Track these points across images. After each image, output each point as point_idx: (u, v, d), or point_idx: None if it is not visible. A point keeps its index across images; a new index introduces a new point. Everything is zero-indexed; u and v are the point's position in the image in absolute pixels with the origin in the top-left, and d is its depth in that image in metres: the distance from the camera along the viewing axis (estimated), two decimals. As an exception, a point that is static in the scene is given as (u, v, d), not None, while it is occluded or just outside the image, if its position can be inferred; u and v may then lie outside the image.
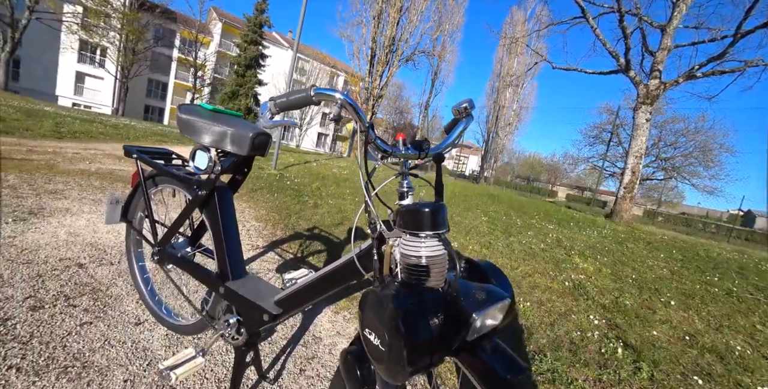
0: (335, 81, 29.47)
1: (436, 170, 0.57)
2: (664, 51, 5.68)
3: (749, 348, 1.89)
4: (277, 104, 0.64)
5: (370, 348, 0.51)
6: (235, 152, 0.81)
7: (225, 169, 0.85)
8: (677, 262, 3.69)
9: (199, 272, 0.93)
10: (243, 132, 0.80)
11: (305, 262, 2.06)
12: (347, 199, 4.08)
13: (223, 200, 0.89)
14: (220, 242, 0.88)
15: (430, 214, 0.53)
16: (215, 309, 0.92)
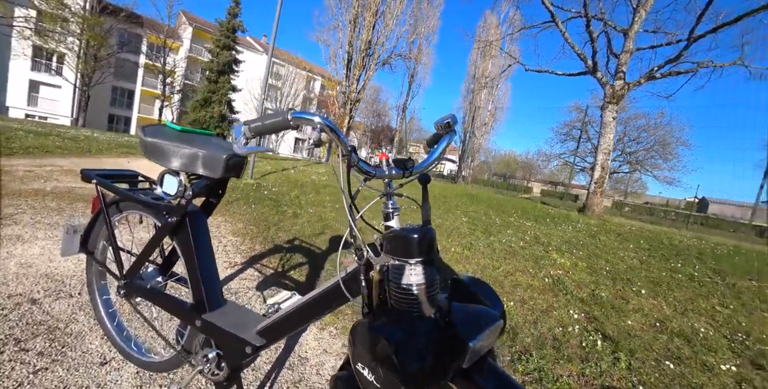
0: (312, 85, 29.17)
1: (423, 192, 0.56)
2: (627, 53, 6.04)
3: (711, 329, 2.02)
4: (252, 129, 0.61)
5: (364, 382, 0.50)
6: (207, 175, 0.78)
7: (197, 193, 0.82)
8: (645, 251, 3.90)
9: (173, 305, 0.88)
10: (215, 154, 0.77)
11: (287, 278, 2.01)
12: (327, 206, 4.04)
13: (196, 225, 0.85)
14: (194, 271, 0.83)
15: (418, 241, 0.52)
16: (192, 342, 0.86)
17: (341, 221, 3.40)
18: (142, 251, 0.91)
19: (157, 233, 0.87)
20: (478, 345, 0.47)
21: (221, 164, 0.76)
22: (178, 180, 0.80)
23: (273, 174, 6.09)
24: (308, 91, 28.48)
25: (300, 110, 0.58)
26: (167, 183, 0.82)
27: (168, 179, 0.82)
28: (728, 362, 1.66)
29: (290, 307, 0.74)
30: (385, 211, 0.62)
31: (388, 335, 0.47)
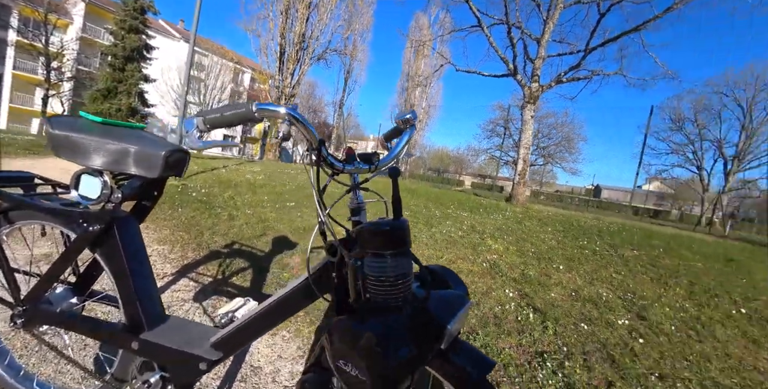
0: (240, 78, 27.04)
1: (393, 185, 0.56)
2: (540, 59, 6.85)
3: (611, 293, 2.43)
4: (208, 121, 0.55)
5: (347, 378, 0.49)
6: (142, 175, 0.68)
7: (127, 195, 0.70)
8: (560, 233, 4.51)
9: (96, 329, 0.75)
10: (152, 150, 0.67)
11: (229, 285, 1.87)
12: (267, 206, 3.83)
13: (127, 233, 0.73)
14: (127, 286, 0.72)
15: (395, 233, 0.53)
16: (125, 369, 0.75)
17: (283, 221, 3.25)
18: (50, 269, 0.76)
19: (71, 246, 0.73)
20: (453, 327, 0.50)
21: (160, 162, 0.66)
22: (100, 181, 0.68)
23: (201, 174, 5.53)
24: (237, 85, 26.35)
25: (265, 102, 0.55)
26: (85, 185, 0.69)
27: (86, 180, 0.69)
28: (623, 317, 2.03)
29: (251, 313, 0.69)
30: (353, 206, 0.62)
31: (373, 327, 0.47)
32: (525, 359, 1.49)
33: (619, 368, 1.51)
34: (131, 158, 0.66)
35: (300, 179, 6.93)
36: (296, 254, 2.44)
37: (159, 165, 0.66)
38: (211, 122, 0.55)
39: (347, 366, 0.49)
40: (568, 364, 1.48)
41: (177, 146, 0.71)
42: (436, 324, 0.50)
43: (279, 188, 5.08)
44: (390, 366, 0.45)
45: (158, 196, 0.79)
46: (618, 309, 2.16)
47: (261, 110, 0.54)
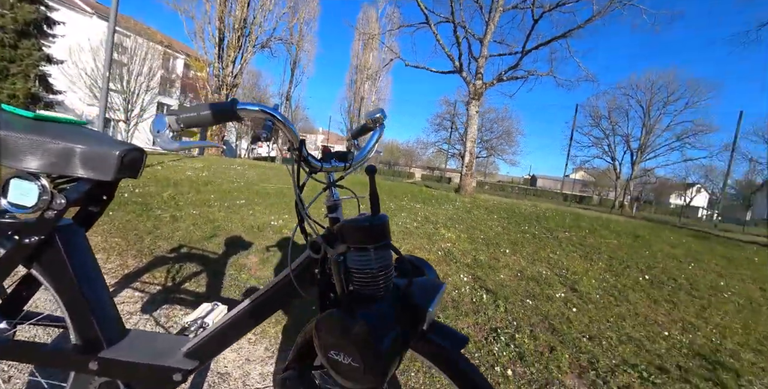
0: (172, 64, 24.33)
1: (370, 182, 0.58)
2: (483, 58, 7.26)
3: (549, 271, 2.75)
4: (182, 120, 0.51)
5: (339, 368, 0.51)
6: (91, 177, 0.60)
7: (72, 201, 0.62)
8: (504, 220, 4.92)
9: (40, 354, 0.66)
10: (105, 149, 0.60)
11: (182, 291, 1.74)
12: (214, 205, 3.58)
13: (73, 243, 0.65)
14: (77, 302, 0.64)
15: (376, 227, 0.55)
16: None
17: (234, 221, 3.08)
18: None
19: (3, 261, 0.63)
20: (434, 310, 0.55)
21: (114, 162, 0.60)
22: (37, 186, 0.60)
23: (132, 172, 4.95)
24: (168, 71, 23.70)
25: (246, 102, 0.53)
26: (17, 191, 0.59)
27: (18, 185, 0.59)
28: (560, 291, 2.31)
29: (227, 316, 0.67)
30: (329, 203, 0.63)
31: (362, 316, 0.50)
32: (482, 335, 1.64)
33: (558, 334, 1.73)
34: (78, 159, 0.59)
35: (248, 175, 6.56)
36: (252, 254, 2.35)
37: (113, 166, 0.60)
38: (185, 121, 0.52)
39: (339, 356, 0.51)
40: (518, 336, 1.66)
41: (131, 144, 0.65)
42: (419, 308, 0.55)
43: (226, 185, 4.77)
44: (382, 351, 0.49)
45: (108, 200, 0.71)
46: (555, 284, 2.45)
47: (243, 110, 0.52)
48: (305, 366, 0.77)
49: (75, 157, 0.59)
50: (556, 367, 1.43)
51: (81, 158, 0.59)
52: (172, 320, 1.47)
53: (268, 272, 2.08)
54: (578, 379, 1.40)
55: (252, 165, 9.10)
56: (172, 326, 1.43)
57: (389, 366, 0.50)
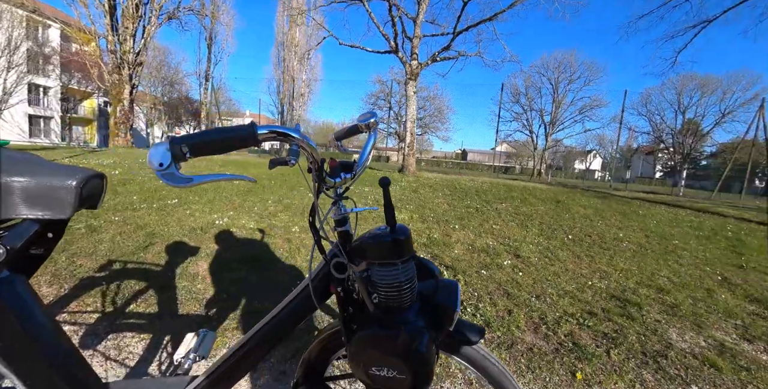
0: (44, 35, 19.50)
1: (384, 193, 0.57)
2: (417, 38, 7.26)
3: (495, 242, 3.05)
4: (193, 147, 0.43)
5: (384, 382, 0.52)
6: (39, 218, 0.48)
7: (14, 249, 0.49)
8: (448, 197, 5.24)
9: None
10: (56, 181, 0.47)
11: (129, 316, 1.53)
12: (140, 208, 3.15)
13: (16, 299, 0.52)
14: (38, 369, 0.53)
15: (401, 242, 0.55)
16: None
17: (170, 224, 2.76)
18: None
19: None
20: (459, 309, 0.59)
21: (71, 197, 0.48)
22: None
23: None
24: (37, 44, 18.99)
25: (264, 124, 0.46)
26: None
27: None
28: (507, 259, 2.60)
29: (238, 345, 0.62)
30: (338, 217, 0.61)
31: (402, 328, 0.51)
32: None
33: (512, 298, 1.97)
34: (19, 197, 0.45)
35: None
36: (202, 260, 2.15)
37: (70, 201, 0.48)
38: (195, 149, 0.43)
39: (382, 371, 0.52)
40: (481, 305, 1.85)
41: (86, 169, 0.52)
42: (447, 310, 0.57)
43: (149, 183, 4.18)
44: (426, 358, 0.51)
45: (56, 239, 0.57)
46: (502, 253, 2.74)
47: (264, 134, 0.46)
48: (316, 380, 0.77)
49: (13, 194, 0.46)
50: (516, 328, 1.64)
51: (23, 194, 0.46)
52: (125, 351, 1.30)
53: (226, 279, 1.94)
54: (534, 334, 1.63)
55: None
56: (127, 358, 1.26)
57: (433, 371, 0.53)
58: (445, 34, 7.52)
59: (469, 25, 7.20)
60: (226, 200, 3.80)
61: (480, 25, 7.15)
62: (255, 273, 2.03)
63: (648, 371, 1.42)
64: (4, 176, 0.46)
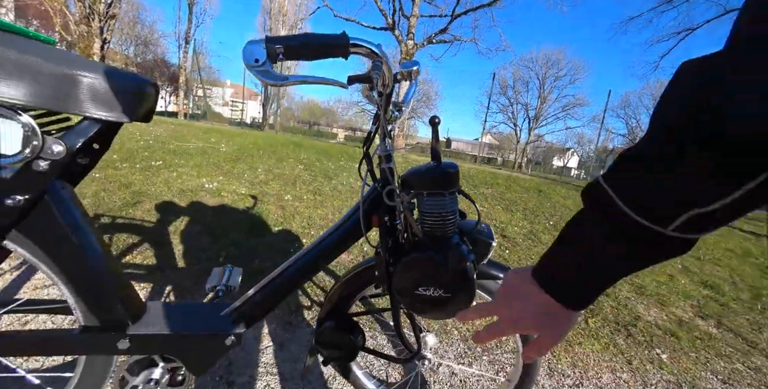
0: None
1: (433, 132, 0.59)
2: (415, 17, 7.08)
3: (483, 223, 3.17)
4: (287, 49, 0.42)
5: (428, 301, 0.56)
6: (101, 118, 0.45)
7: (76, 149, 0.46)
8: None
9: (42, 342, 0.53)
10: (121, 82, 0.45)
11: (128, 267, 1.49)
12: (122, 168, 3.00)
13: (66, 204, 0.50)
14: (88, 276, 0.52)
15: (452, 175, 0.58)
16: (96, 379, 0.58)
17: (157, 184, 2.66)
18: None
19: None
20: (494, 242, 0.63)
21: (134, 100, 0.46)
22: (21, 126, 0.42)
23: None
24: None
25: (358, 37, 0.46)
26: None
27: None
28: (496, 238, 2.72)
29: (280, 271, 0.64)
30: (384, 153, 0.63)
31: (452, 252, 0.55)
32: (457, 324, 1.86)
33: (501, 272, 2.08)
34: (85, 92, 0.43)
35: (155, 131, 5.51)
36: (195, 221, 2.10)
37: (132, 104, 0.46)
38: (288, 51, 0.42)
39: (428, 290, 0.56)
40: (473, 276, 1.94)
41: (146, 77, 0.49)
42: (484, 243, 0.62)
43: (130, 143, 3.95)
44: (470, 279, 0.56)
45: (103, 150, 0.54)
46: (489, 232, 2.86)
47: (355, 45, 0.46)
48: (340, 316, 0.80)
49: (80, 89, 0.43)
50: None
51: (89, 90, 0.43)
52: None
53: (223, 241, 1.91)
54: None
55: (153, 120, 7.62)
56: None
57: (475, 290, 0.57)
58: (443, 15, 7.38)
59: (468, 9, 7.11)
60: (214, 165, 3.67)
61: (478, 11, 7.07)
62: (251, 236, 2.01)
63: (620, 337, 1.57)
64: (73, 69, 0.43)
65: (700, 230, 0.25)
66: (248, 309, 0.63)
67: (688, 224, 0.24)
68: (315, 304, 1.42)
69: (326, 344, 0.75)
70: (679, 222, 0.24)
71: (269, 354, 1.09)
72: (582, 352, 1.40)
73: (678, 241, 0.26)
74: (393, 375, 1.13)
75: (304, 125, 33.85)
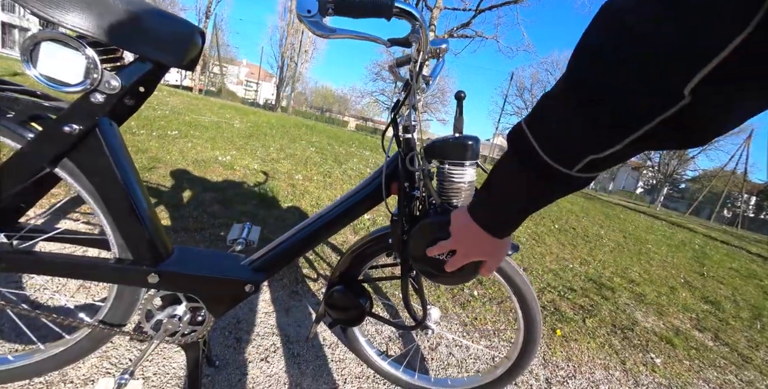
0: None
1: (458, 106, 0.61)
2: (438, 9, 6.96)
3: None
4: (335, 3, 0.43)
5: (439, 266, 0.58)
6: (155, 59, 0.47)
7: (129, 86, 0.48)
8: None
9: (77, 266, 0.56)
10: (183, 26, 0.47)
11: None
12: (139, 133, 3.04)
13: (112, 139, 0.53)
14: (125, 209, 0.55)
15: (473, 146, 0.60)
16: (125, 309, 0.61)
17: (172, 153, 2.70)
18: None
19: (27, 158, 0.48)
20: None
21: (188, 45, 0.47)
22: (84, 57, 0.44)
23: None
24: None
25: None
26: (51, 60, 0.43)
27: (52, 51, 0.43)
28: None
29: (300, 227, 0.66)
30: (407, 123, 0.64)
31: None
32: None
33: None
34: (145, 33, 0.44)
35: (171, 102, 5.56)
36: (209, 189, 2.14)
37: (184, 50, 0.47)
38: (338, 6, 0.44)
39: (441, 255, 0.58)
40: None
41: (196, 25, 0.51)
42: None
43: (147, 111, 3.99)
44: None
45: (147, 94, 0.56)
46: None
47: (398, 8, 0.48)
48: (351, 281, 0.83)
49: (141, 29, 0.44)
50: (506, 289, 1.77)
51: (149, 31, 0.45)
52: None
53: (235, 210, 1.95)
54: (522, 297, 1.76)
55: (170, 92, 7.65)
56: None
57: None
58: (467, 9, 7.25)
59: (493, 5, 6.97)
60: (227, 140, 3.70)
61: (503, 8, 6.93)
62: (262, 209, 2.05)
63: (616, 338, 1.59)
64: (138, 9, 0.45)
65: (595, 170, 0.30)
66: (268, 260, 0.66)
67: (587, 166, 0.29)
68: (321, 277, 1.46)
69: (335, 307, 0.78)
70: (581, 165, 0.29)
71: (275, 317, 1.13)
72: (577, 348, 1.42)
73: (580, 179, 0.31)
74: (392, 348, 1.16)
75: (316, 111, 33.72)
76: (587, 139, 0.27)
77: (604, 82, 0.24)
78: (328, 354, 1.03)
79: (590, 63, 0.25)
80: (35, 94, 0.51)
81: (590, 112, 0.26)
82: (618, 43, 0.23)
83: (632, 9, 0.22)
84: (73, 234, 0.61)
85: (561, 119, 0.28)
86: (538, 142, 0.30)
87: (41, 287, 0.97)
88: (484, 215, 0.39)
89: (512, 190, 0.35)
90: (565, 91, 0.28)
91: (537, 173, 0.31)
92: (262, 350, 0.98)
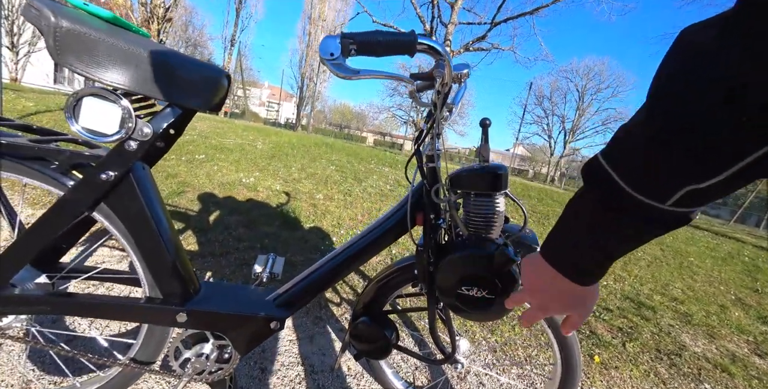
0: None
1: (483, 134, 0.59)
2: (453, 25, 7.09)
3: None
4: (360, 44, 0.44)
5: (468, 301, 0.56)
6: (183, 105, 0.50)
7: (160, 133, 0.51)
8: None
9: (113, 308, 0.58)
10: (210, 71, 0.50)
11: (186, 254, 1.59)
12: (170, 159, 3.20)
13: (144, 182, 0.55)
14: (157, 249, 0.57)
15: (501, 176, 0.58)
16: (154, 348, 0.63)
17: (199, 176, 2.82)
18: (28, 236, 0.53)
19: (68, 204, 0.51)
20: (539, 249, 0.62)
21: (216, 88, 0.50)
22: (120, 109, 0.48)
23: (42, 114, 4.09)
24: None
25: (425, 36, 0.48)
26: (92, 113, 0.47)
27: (93, 106, 0.47)
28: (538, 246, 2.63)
29: (324, 261, 0.65)
30: (431, 152, 0.63)
31: (503, 251, 0.54)
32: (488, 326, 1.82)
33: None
34: (175, 82, 0.47)
35: (198, 127, 5.87)
36: (234, 212, 2.20)
37: (212, 94, 0.50)
38: (361, 47, 0.45)
39: (471, 290, 0.56)
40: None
41: (222, 69, 0.54)
42: (529, 247, 0.62)
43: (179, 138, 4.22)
44: (516, 279, 0.55)
45: (177, 136, 0.60)
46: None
47: (422, 44, 0.48)
48: (376, 312, 0.81)
49: (171, 78, 0.48)
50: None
51: (179, 80, 0.48)
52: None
53: (259, 232, 1.99)
54: (554, 319, 1.66)
55: (197, 117, 8.10)
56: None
57: None
58: (482, 23, 7.33)
59: (509, 17, 7.02)
60: (251, 162, 3.84)
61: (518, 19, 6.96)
62: (285, 230, 2.08)
63: (662, 365, 1.45)
64: (168, 60, 0.48)
65: (695, 205, 0.25)
66: (293, 294, 0.66)
67: (685, 199, 0.25)
68: (344, 302, 1.44)
69: (360, 339, 0.76)
70: (676, 197, 0.25)
71: (299, 345, 1.12)
72: (619, 376, 1.31)
73: (676, 214, 0.26)
74: (420, 378, 1.11)
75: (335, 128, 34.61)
76: (681, 168, 0.24)
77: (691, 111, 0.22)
78: (353, 385, 1.00)
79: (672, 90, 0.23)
80: (77, 142, 0.55)
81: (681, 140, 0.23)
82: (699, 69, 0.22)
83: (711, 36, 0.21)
84: (108, 273, 0.64)
85: (647, 149, 0.25)
86: (621, 175, 0.27)
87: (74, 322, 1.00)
88: (558, 257, 0.34)
89: (591, 227, 0.30)
90: (649, 120, 0.25)
91: (618, 207, 0.28)
92: (287, 381, 0.96)
